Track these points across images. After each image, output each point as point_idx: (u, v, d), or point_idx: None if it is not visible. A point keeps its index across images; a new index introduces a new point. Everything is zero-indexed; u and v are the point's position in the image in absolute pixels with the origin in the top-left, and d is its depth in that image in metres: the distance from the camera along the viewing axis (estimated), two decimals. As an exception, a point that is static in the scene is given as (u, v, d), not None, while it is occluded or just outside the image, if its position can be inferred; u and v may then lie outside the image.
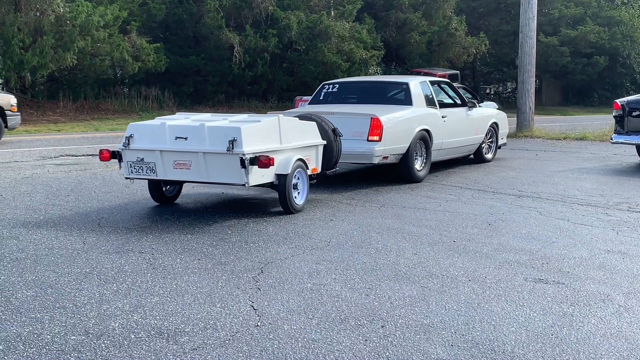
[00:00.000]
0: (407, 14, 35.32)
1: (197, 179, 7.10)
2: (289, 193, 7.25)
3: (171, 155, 7.05)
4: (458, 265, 5.51)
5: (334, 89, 11.08)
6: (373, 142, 9.14)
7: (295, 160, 7.30)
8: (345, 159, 9.14)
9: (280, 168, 7.17)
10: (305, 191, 7.64)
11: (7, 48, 20.77)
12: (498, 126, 12.71)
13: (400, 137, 9.53)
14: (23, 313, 4.27)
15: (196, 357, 3.64)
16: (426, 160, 10.12)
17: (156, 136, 7.15)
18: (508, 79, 44.16)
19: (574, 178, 10.56)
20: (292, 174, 7.25)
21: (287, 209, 7.34)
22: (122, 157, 7.33)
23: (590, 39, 40.43)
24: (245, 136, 6.74)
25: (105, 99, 26.37)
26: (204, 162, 6.89)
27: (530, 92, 19.18)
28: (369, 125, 9.15)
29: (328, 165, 8.25)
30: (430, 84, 10.87)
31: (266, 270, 5.27)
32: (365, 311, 4.37)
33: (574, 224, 7.13)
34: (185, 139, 6.98)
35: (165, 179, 7.27)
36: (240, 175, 6.79)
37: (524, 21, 19.11)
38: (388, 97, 10.63)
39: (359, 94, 10.98)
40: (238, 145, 6.71)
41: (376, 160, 9.26)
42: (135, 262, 5.45)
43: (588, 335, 4.05)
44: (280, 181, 7.21)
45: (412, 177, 9.79)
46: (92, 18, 22.28)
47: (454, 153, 11.36)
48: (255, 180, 6.89)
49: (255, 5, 28.45)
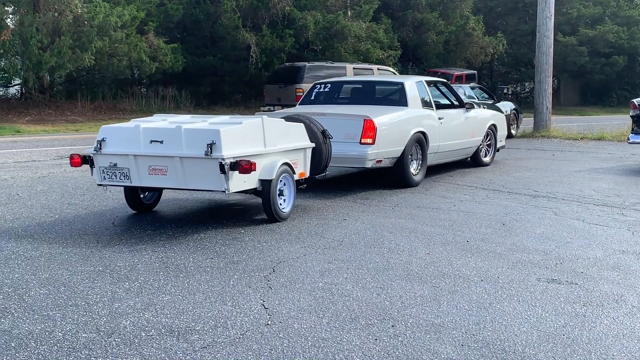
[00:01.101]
0: (424, 13, 35.23)
1: (174, 185, 6.62)
2: (273, 200, 6.79)
3: (146, 160, 6.57)
4: (471, 265, 5.48)
5: (325, 89, 10.63)
6: (366, 145, 8.68)
7: (281, 165, 6.85)
8: (337, 163, 8.72)
9: (264, 173, 6.72)
10: (291, 197, 7.18)
11: (26, 48, 20.90)
12: (496, 128, 12.14)
13: (395, 140, 9.09)
14: (36, 311, 4.30)
15: (206, 355, 3.65)
16: (422, 164, 9.68)
17: (130, 140, 6.67)
18: (526, 79, 43.93)
19: (591, 178, 10.48)
20: (277, 179, 6.81)
21: (272, 216, 6.87)
22: (94, 162, 6.82)
23: (609, 38, 40.13)
24: (224, 139, 6.28)
25: (123, 99, 26.51)
26: (181, 167, 6.42)
27: (548, 91, 19.07)
28: (362, 127, 8.69)
29: (317, 169, 7.76)
30: (426, 84, 10.43)
31: (278, 269, 5.28)
32: (376, 310, 4.37)
33: (589, 224, 7.08)
34: (160, 143, 6.52)
35: (140, 185, 6.81)
36: (219, 182, 6.31)
37: (541, 20, 19.01)
38: (382, 98, 10.21)
39: (351, 94, 10.56)
40: (217, 149, 6.24)
41: (369, 164, 8.79)
42: (148, 261, 5.47)
43: (600, 335, 4.02)
44: (264, 187, 6.75)
45: (407, 181, 9.34)
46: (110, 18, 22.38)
47: (450, 156, 10.86)
48: (236, 187, 6.43)
49: (272, 6, 28.46)
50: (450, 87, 11.49)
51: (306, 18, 28.58)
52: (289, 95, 19.69)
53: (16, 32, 21.10)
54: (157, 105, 26.30)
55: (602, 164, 12.47)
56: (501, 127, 12.34)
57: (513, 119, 18.64)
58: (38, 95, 24.18)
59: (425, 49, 35.71)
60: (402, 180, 9.32)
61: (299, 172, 7.37)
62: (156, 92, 27.14)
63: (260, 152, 6.70)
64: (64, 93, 26.14)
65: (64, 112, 23.60)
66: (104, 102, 25.73)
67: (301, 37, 28.99)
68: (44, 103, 23.90)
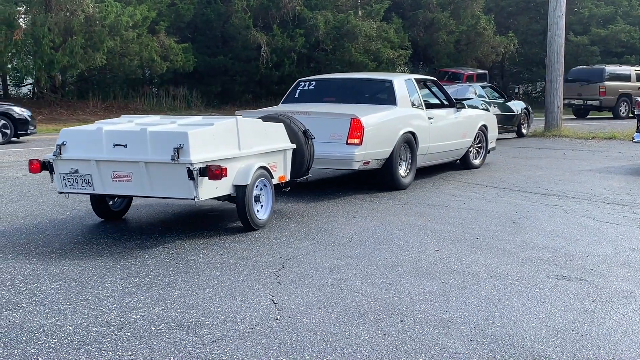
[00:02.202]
0: (435, 13, 35.20)
1: (139, 193, 6.10)
2: (248, 207, 6.28)
3: (109, 166, 6.04)
4: (480, 262, 5.49)
5: (310, 87, 10.09)
6: (353, 146, 8.24)
7: (257, 169, 6.37)
8: (321, 165, 8.37)
9: (238, 178, 6.23)
10: (269, 204, 6.69)
11: (38, 48, 21.04)
12: (487, 129, 11.59)
13: (383, 141, 8.65)
14: (47, 305, 4.33)
15: (215, 349, 3.67)
16: (411, 166, 9.25)
17: (92, 143, 6.14)
18: (537, 78, 43.73)
19: (601, 177, 10.45)
20: (252, 184, 6.31)
21: (247, 224, 6.37)
22: (54, 168, 6.31)
23: (620, 38, 39.93)
24: (193, 142, 5.78)
25: (134, 98, 26.63)
26: (146, 173, 5.89)
27: (559, 91, 19.00)
28: (349, 127, 8.26)
29: (299, 172, 7.34)
30: (415, 82, 9.98)
31: (287, 265, 5.30)
32: (384, 306, 4.38)
33: (599, 222, 7.07)
34: (124, 147, 5.98)
35: (104, 193, 6.29)
36: (188, 189, 5.79)
37: (552, 20, 18.95)
38: (370, 96, 9.71)
39: (338, 92, 9.96)
40: (185, 154, 5.73)
41: (356, 166, 8.35)
42: (158, 257, 5.50)
43: (609, 331, 4.01)
44: (238, 193, 6.26)
45: (396, 184, 8.93)
46: (122, 18, 22.49)
47: (440, 158, 10.36)
48: (207, 194, 5.94)
49: (283, 5, 28.53)
50: (440, 86, 11.08)
51: (317, 18, 28.62)
52: (592, 91, 27.03)
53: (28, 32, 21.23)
54: (168, 105, 26.42)
55: (613, 162, 12.42)
56: (492, 127, 11.88)
57: (524, 118, 18.59)
58: (50, 94, 24.33)
59: (436, 49, 35.67)
60: (390, 182, 8.92)
61: (278, 176, 6.93)
62: (167, 91, 27.25)
63: (234, 155, 6.23)
64: (75, 92, 26.29)
65: (76, 111, 23.73)
66: (116, 102, 25.86)
67: (311, 37, 29.03)
68: (56, 102, 24.05)
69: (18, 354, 3.59)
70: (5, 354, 3.59)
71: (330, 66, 29.81)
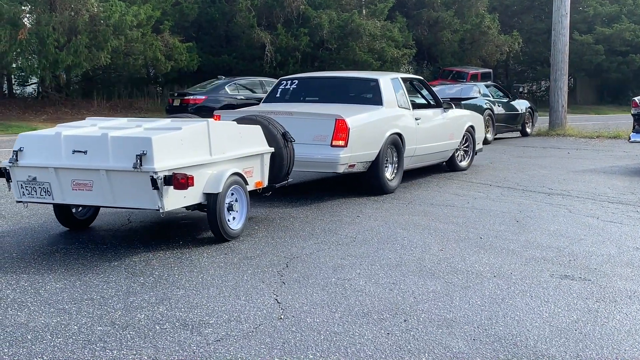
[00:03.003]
0: (439, 12, 35.15)
1: (101, 203, 5.72)
2: (220, 216, 5.84)
3: (69, 174, 5.61)
4: (484, 261, 5.49)
5: (292, 86, 9.66)
6: (338, 148, 7.85)
7: (230, 175, 5.94)
8: (304, 168, 8.05)
9: (209, 186, 5.81)
10: (244, 212, 6.23)
11: (43, 47, 21.05)
12: (474, 129, 11.12)
13: (369, 142, 8.26)
14: (51, 304, 4.35)
15: (219, 348, 3.69)
16: (398, 169, 8.87)
17: (51, 149, 5.69)
18: (542, 77, 43.64)
19: (605, 176, 10.44)
20: (225, 192, 5.88)
21: (219, 235, 5.95)
22: (11, 175, 5.84)
23: (625, 37, 39.84)
24: (157, 149, 5.33)
25: (139, 97, 26.66)
26: (107, 182, 5.48)
27: (563, 90, 18.99)
28: (333, 128, 7.87)
29: (277, 176, 6.93)
30: (402, 81, 9.59)
31: (291, 264, 5.31)
32: (388, 305, 4.39)
33: (603, 222, 7.07)
34: (84, 153, 5.55)
35: (63, 202, 5.84)
36: (152, 199, 5.37)
37: (556, 18, 18.93)
38: (355, 96, 9.27)
39: (321, 91, 9.55)
40: (148, 161, 5.29)
41: (341, 169, 7.95)
42: (162, 256, 5.52)
43: (612, 331, 4.02)
44: (209, 202, 5.83)
45: (382, 188, 8.54)
46: (126, 17, 22.50)
47: (427, 160, 9.97)
48: (173, 204, 5.52)
49: (287, 4, 28.51)
50: (427, 85, 10.71)
51: (321, 17, 28.61)
52: None
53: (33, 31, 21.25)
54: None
55: (618, 162, 12.41)
56: (479, 128, 11.39)
57: (528, 117, 18.57)
58: (54, 94, 24.36)
59: (440, 48, 35.63)
60: (376, 186, 8.54)
61: (255, 182, 6.52)
62: (172, 90, 27.25)
63: (205, 161, 5.81)
64: (80, 92, 26.32)
65: (80, 110, 23.75)
66: (120, 101, 25.89)
67: (316, 36, 29.02)
68: (61, 102, 24.08)
69: (23, 352, 3.61)
70: (10, 352, 3.61)
71: (335, 65, 29.81)
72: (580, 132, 18.71)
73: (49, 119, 21.48)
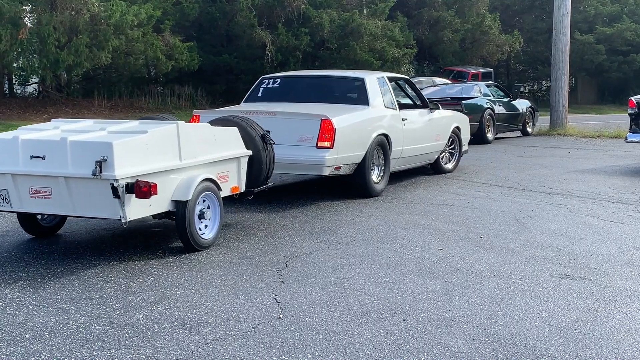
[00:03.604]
0: (440, 11, 35.14)
1: (60, 211, 5.40)
2: (189, 225, 5.48)
3: (26, 181, 5.27)
4: (483, 260, 5.48)
5: (275, 85, 9.27)
6: (323, 149, 7.51)
7: (201, 181, 5.58)
8: (288, 170, 7.79)
9: (178, 193, 5.45)
10: (217, 220, 5.86)
11: (43, 47, 21.04)
12: (460, 131, 10.78)
13: (356, 144, 7.93)
14: (50, 303, 4.35)
15: (218, 347, 3.68)
16: (384, 171, 8.52)
17: (8, 154, 5.35)
18: (543, 77, 43.65)
19: (606, 175, 10.43)
20: (195, 199, 5.51)
21: (189, 245, 5.58)
22: None
23: (626, 36, 39.82)
24: (118, 154, 4.97)
25: (140, 97, 26.65)
26: (66, 189, 5.13)
27: (564, 89, 18.97)
28: (319, 129, 7.54)
29: (256, 181, 6.56)
30: (388, 81, 9.24)
31: (290, 264, 5.30)
32: (387, 305, 4.38)
33: (603, 221, 7.05)
34: (42, 159, 5.21)
35: (22, 211, 5.51)
36: (114, 208, 5.01)
37: (557, 18, 18.92)
38: (340, 96, 8.96)
39: (305, 91, 9.17)
40: (108, 167, 4.93)
41: (327, 172, 7.60)
42: (161, 256, 5.51)
43: (612, 330, 4.01)
44: (178, 210, 5.47)
45: (369, 191, 8.22)
46: (127, 17, 22.48)
47: (413, 162, 9.64)
48: (137, 213, 5.16)
49: (288, 4, 28.50)
50: (413, 85, 10.33)
51: (322, 16, 28.60)
52: None
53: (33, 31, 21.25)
54: (173, 104, 26.43)
55: (618, 161, 12.40)
56: (465, 129, 11.00)
57: (529, 117, 18.56)
58: (55, 93, 24.36)
59: (441, 47, 35.62)
60: (362, 189, 8.23)
61: (231, 187, 6.18)
62: (172, 90, 27.25)
63: (174, 167, 5.46)
64: (81, 91, 26.34)
65: (81, 110, 23.74)
66: (121, 101, 25.88)
67: (316, 36, 29.01)
68: (61, 101, 24.07)
69: (21, 351, 3.60)
70: (8, 352, 3.60)
71: (336, 65, 29.80)
72: (581, 131, 18.69)
73: (49, 119, 21.35)
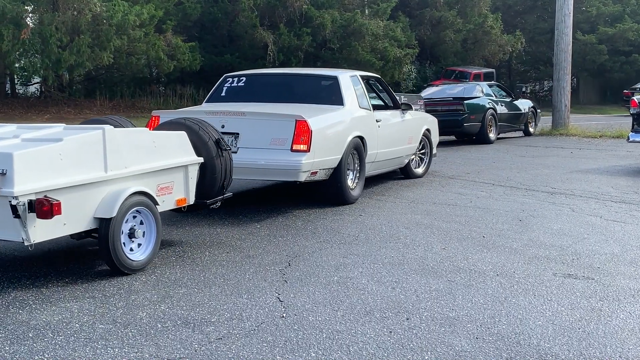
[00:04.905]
0: (442, 11, 35.13)
1: None
2: (114, 246, 4.76)
3: None
4: (487, 260, 5.48)
5: (239, 83, 8.66)
6: (299, 153, 6.91)
7: (130, 195, 4.87)
8: (260, 176, 7.29)
9: (101, 209, 4.74)
10: (152, 239, 5.13)
11: (45, 47, 21.06)
12: (430, 133, 10.26)
13: (332, 147, 7.35)
14: (53, 302, 4.34)
15: (221, 346, 3.68)
16: (360, 176, 7.96)
17: None
18: (545, 77, 43.66)
19: (609, 175, 10.42)
20: (121, 216, 4.80)
21: (115, 268, 4.87)
22: None
23: (628, 36, 39.81)
24: (19, 167, 4.28)
25: (141, 97, 26.67)
26: None
27: (566, 89, 18.96)
28: (294, 130, 6.94)
29: (209, 192, 5.85)
30: (361, 79, 8.68)
31: (293, 263, 5.30)
32: (390, 304, 4.37)
33: (606, 221, 7.04)
34: None
35: None
36: (15, 229, 4.33)
37: (559, 18, 18.91)
38: (312, 95, 8.37)
39: (274, 89, 8.60)
40: (7, 183, 4.25)
41: (303, 177, 6.98)
42: (164, 255, 5.51)
43: (616, 329, 4.00)
44: (100, 228, 4.76)
45: (345, 197, 7.65)
46: (129, 17, 22.49)
47: (386, 166, 9.08)
48: (45, 234, 4.44)
49: (290, 4, 28.50)
50: (385, 85, 9.74)
51: (323, 16, 28.60)
52: None
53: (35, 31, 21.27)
54: (175, 104, 26.43)
55: (621, 161, 12.38)
56: (435, 132, 10.51)
57: (531, 117, 18.56)
58: (57, 93, 24.38)
59: (442, 47, 35.61)
60: (337, 195, 7.64)
61: (176, 199, 5.49)
62: (174, 90, 27.28)
63: (97, 179, 4.73)
64: (82, 91, 26.35)
65: (83, 110, 23.76)
66: (123, 101, 25.90)
67: (318, 36, 29.01)
68: (63, 101, 24.09)
69: (24, 350, 3.60)
70: (12, 350, 3.60)
71: (338, 65, 29.80)
72: (583, 131, 18.68)
73: (51, 119, 21.47)
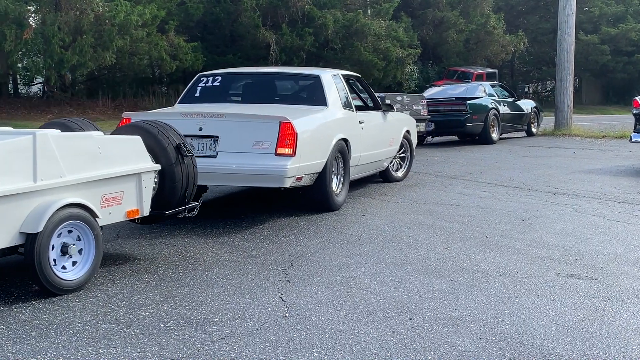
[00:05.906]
0: (444, 12, 35.12)
1: None
2: (41, 264, 4.31)
3: None
4: (489, 260, 5.47)
5: (215, 83, 8.09)
6: (284, 157, 6.47)
7: (61, 208, 4.39)
8: (243, 182, 6.96)
9: (26, 223, 4.28)
10: (91, 256, 4.64)
11: (48, 47, 21.07)
12: (410, 134, 9.82)
13: (317, 150, 6.95)
14: (56, 302, 4.34)
15: (224, 346, 3.67)
16: (344, 180, 7.56)
17: None
18: (547, 77, 43.58)
19: (612, 175, 10.40)
20: (49, 231, 4.33)
21: (42, 287, 4.41)
22: None
23: (631, 37, 39.75)
24: None
25: (144, 97, 26.67)
26: None
27: (569, 89, 18.94)
28: (278, 133, 6.50)
29: (169, 201, 5.37)
30: (343, 79, 8.28)
31: (296, 263, 5.30)
32: (393, 304, 4.37)
33: (609, 221, 7.03)
34: None
35: None
36: None
37: (562, 18, 18.89)
38: (293, 95, 8.11)
39: (253, 89, 8.19)
40: None
41: (288, 183, 6.55)
42: (167, 255, 5.51)
43: (619, 329, 3.99)
44: (25, 244, 4.32)
45: (329, 203, 7.24)
46: (131, 17, 22.51)
47: (368, 170, 8.64)
48: None
49: (292, 4, 28.50)
50: (366, 85, 9.30)
51: (326, 17, 28.59)
52: None
53: (38, 31, 21.29)
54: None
55: (624, 161, 12.36)
56: (414, 133, 10.09)
57: (534, 117, 18.54)
58: (60, 93, 24.39)
59: (445, 48, 35.58)
60: (322, 201, 7.24)
61: (126, 211, 5.00)
62: (176, 90, 27.25)
63: (23, 189, 4.27)
64: (85, 91, 26.37)
65: (86, 110, 23.77)
66: (125, 101, 25.91)
67: (320, 36, 29.00)
68: (66, 101, 24.10)
69: (27, 349, 3.60)
70: (14, 350, 3.60)
71: (340, 65, 29.77)
72: (586, 132, 18.66)
73: (54, 119, 21.48)
